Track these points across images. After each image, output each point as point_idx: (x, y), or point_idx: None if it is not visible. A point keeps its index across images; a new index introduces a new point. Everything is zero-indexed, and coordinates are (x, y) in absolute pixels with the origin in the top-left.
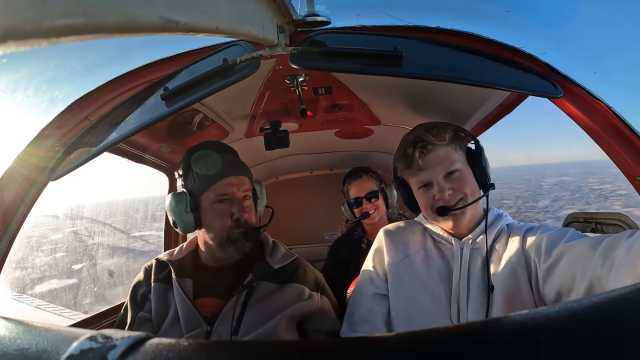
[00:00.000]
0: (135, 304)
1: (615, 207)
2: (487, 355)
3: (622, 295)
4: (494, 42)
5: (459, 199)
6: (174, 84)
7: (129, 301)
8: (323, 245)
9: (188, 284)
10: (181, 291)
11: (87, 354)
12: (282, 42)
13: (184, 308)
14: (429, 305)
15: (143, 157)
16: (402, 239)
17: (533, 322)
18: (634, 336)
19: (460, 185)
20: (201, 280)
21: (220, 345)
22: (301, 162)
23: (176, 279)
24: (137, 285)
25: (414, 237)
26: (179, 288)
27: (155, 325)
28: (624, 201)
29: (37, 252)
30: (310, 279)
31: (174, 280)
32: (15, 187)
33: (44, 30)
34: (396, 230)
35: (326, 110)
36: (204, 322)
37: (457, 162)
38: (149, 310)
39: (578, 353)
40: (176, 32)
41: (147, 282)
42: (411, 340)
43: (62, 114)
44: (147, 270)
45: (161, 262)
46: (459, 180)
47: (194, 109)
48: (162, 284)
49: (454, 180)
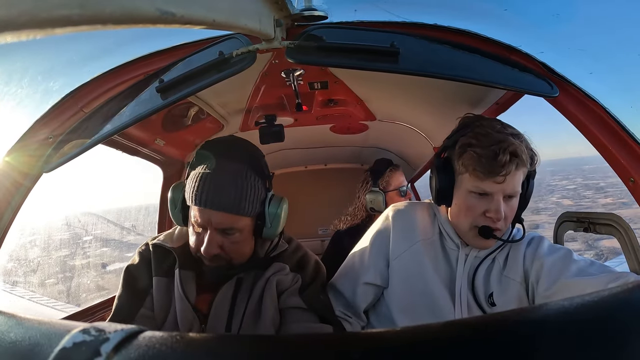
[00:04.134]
0: (134, 295)
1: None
2: (481, 350)
3: (614, 294)
4: (491, 40)
5: (502, 227)
6: (169, 76)
7: (124, 289)
8: (316, 240)
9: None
10: (180, 289)
11: (80, 347)
12: (279, 36)
13: (181, 306)
14: (433, 303)
15: (137, 150)
16: (411, 222)
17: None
18: (625, 334)
19: (511, 213)
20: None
21: (213, 339)
22: (296, 156)
23: (179, 271)
24: (133, 271)
25: (423, 223)
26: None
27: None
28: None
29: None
30: (294, 258)
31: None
32: (9, 179)
33: (40, 21)
34: (406, 210)
35: (322, 105)
36: (198, 320)
37: (519, 186)
38: (150, 306)
39: (570, 350)
40: (173, 24)
41: (146, 272)
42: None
43: (57, 105)
44: (144, 256)
45: (161, 248)
46: (512, 207)
47: (189, 101)
48: (165, 278)
49: (510, 205)
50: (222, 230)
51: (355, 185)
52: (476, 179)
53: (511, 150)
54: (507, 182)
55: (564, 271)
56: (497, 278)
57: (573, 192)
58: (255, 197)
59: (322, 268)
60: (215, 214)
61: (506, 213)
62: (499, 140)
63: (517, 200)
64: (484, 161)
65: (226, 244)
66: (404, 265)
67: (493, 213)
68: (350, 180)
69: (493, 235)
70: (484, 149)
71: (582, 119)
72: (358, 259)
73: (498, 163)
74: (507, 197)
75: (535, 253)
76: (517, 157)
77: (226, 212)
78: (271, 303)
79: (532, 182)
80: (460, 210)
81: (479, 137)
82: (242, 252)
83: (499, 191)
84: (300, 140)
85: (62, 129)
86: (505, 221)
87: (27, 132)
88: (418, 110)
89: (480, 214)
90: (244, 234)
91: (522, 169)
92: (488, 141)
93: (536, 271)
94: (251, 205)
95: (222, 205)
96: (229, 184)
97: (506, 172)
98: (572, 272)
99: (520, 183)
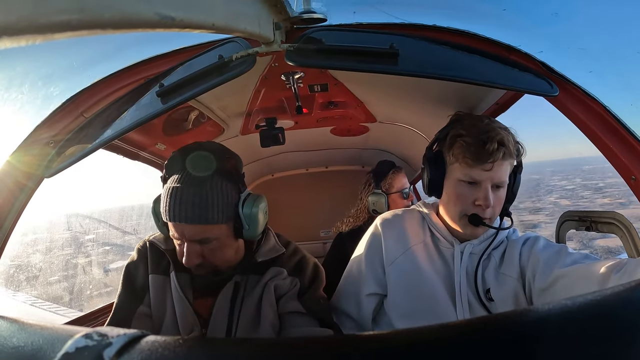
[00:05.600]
0: (133, 293)
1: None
2: (483, 351)
3: (616, 293)
4: (490, 40)
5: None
6: (169, 80)
7: (123, 287)
8: (318, 243)
9: (186, 279)
10: (179, 290)
11: (82, 352)
12: (278, 39)
13: (182, 309)
14: (434, 305)
15: (138, 154)
16: (401, 229)
17: (528, 319)
18: (627, 333)
19: (499, 202)
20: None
21: (215, 343)
22: (297, 159)
23: (175, 274)
24: (132, 268)
25: (413, 228)
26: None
27: (155, 322)
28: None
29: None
30: (292, 262)
31: (173, 276)
32: (10, 183)
33: (40, 27)
34: (394, 219)
35: (322, 108)
36: (199, 325)
37: (507, 177)
38: (148, 303)
39: (571, 350)
40: (172, 28)
41: (144, 269)
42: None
43: (57, 110)
44: (143, 253)
45: (157, 249)
46: (500, 197)
47: (189, 105)
48: (160, 276)
49: (497, 195)
50: (198, 240)
51: (357, 187)
52: (466, 166)
53: (498, 139)
54: (494, 170)
55: (559, 263)
56: (494, 274)
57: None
58: (223, 203)
59: (321, 271)
60: (186, 227)
61: (494, 202)
62: (487, 130)
63: (504, 192)
64: (473, 149)
65: (206, 252)
66: (400, 270)
67: (482, 200)
68: (351, 182)
69: (482, 222)
70: (473, 138)
71: (582, 117)
72: (355, 273)
73: (486, 151)
74: (495, 187)
75: (531, 250)
76: (504, 145)
77: (194, 224)
78: (270, 308)
79: (519, 177)
80: (450, 199)
81: (467, 128)
82: (225, 258)
83: (487, 179)
84: (300, 143)
85: (63, 133)
86: (494, 210)
87: (28, 137)
88: (418, 111)
89: (470, 202)
90: (222, 240)
91: (509, 160)
92: (476, 131)
93: (532, 267)
94: (220, 212)
95: (188, 217)
96: (193, 195)
97: (494, 159)
98: (567, 263)
99: (507, 174)
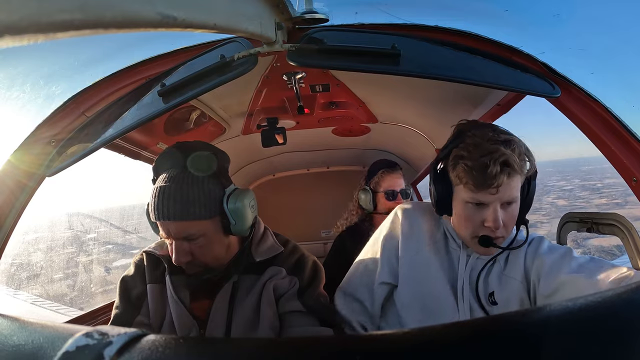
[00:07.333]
0: (130, 304)
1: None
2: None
3: (617, 294)
4: (492, 41)
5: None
6: (171, 80)
7: (120, 299)
8: (319, 243)
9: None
10: (174, 293)
11: (83, 350)
12: (280, 39)
13: (177, 311)
14: (437, 304)
15: (140, 154)
16: (418, 224)
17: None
18: (627, 333)
19: (511, 219)
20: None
21: (215, 342)
22: (298, 159)
23: (170, 277)
24: (128, 281)
25: (429, 224)
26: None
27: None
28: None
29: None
30: (291, 260)
31: (167, 280)
32: (11, 182)
33: (42, 26)
34: (414, 211)
35: (323, 108)
36: (197, 327)
37: (517, 192)
38: (146, 313)
39: (573, 349)
40: (174, 27)
41: (141, 281)
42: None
43: (59, 109)
44: (139, 266)
45: (152, 257)
46: (512, 213)
47: (191, 105)
48: (157, 284)
49: (508, 212)
50: (184, 238)
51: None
52: (470, 190)
53: (502, 160)
54: (501, 191)
55: (564, 268)
56: (497, 277)
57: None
58: (207, 199)
59: (321, 268)
60: (171, 224)
61: (505, 220)
62: (489, 151)
63: (516, 206)
64: (475, 174)
65: (194, 249)
66: (412, 266)
67: (491, 222)
68: (352, 182)
69: (493, 244)
70: (474, 161)
71: (584, 119)
72: (371, 261)
73: (489, 175)
74: (506, 204)
75: (536, 252)
76: (508, 166)
77: (177, 221)
78: (269, 309)
79: (533, 184)
80: (459, 220)
81: (469, 148)
82: (214, 255)
83: (495, 200)
84: (302, 143)
85: (65, 133)
86: (506, 228)
87: (30, 136)
88: (419, 112)
89: (478, 224)
90: (210, 237)
91: (517, 177)
92: (478, 152)
93: (537, 270)
94: (202, 208)
95: (171, 215)
96: (174, 192)
97: (498, 184)
98: (573, 268)
99: (517, 189)
